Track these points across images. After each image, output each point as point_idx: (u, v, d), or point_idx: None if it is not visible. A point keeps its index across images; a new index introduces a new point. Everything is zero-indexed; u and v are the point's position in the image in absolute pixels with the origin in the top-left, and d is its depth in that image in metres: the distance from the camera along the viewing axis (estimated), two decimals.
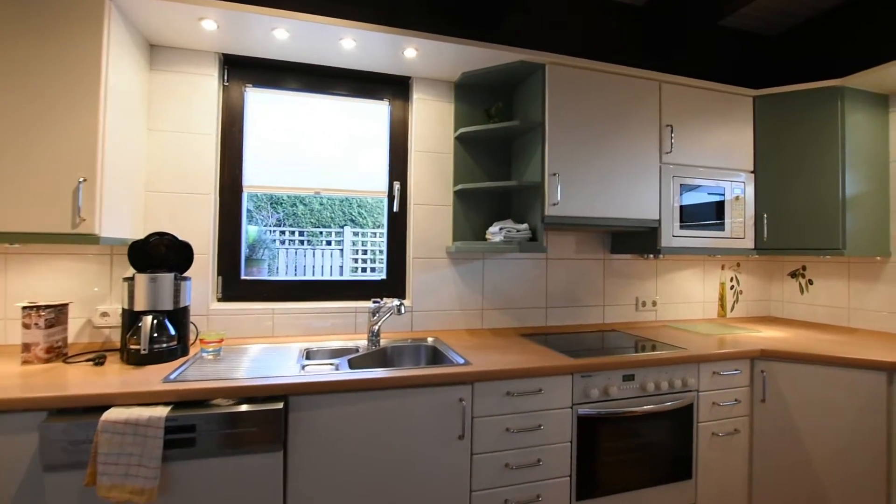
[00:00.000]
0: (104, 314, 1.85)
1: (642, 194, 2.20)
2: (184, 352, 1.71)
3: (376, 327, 2.00)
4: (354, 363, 1.81)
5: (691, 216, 2.30)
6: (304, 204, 2.81)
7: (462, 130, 2.18)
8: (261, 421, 1.37)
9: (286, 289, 2.15)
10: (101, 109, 1.53)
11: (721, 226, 2.36)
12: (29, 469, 1.26)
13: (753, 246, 2.44)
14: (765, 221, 2.43)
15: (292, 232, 2.54)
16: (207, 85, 2.01)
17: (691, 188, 2.30)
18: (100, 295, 1.86)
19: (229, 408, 1.36)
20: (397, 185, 2.27)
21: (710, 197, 2.35)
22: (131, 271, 1.83)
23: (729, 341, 2.16)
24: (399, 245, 2.30)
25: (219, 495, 1.33)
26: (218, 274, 2.07)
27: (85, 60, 1.51)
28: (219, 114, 2.07)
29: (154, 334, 1.61)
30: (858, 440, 1.88)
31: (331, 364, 1.69)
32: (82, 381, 1.37)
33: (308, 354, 1.89)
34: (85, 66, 1.51)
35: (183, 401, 1.34)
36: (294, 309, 2.09)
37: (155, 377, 1.43)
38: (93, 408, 1.28)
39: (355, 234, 2.66)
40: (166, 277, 1.66)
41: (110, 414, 1.25)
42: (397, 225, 2.30)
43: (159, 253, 1.76)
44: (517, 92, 2.29)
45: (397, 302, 1.90)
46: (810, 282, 2.77)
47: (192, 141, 1.98)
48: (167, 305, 1.66)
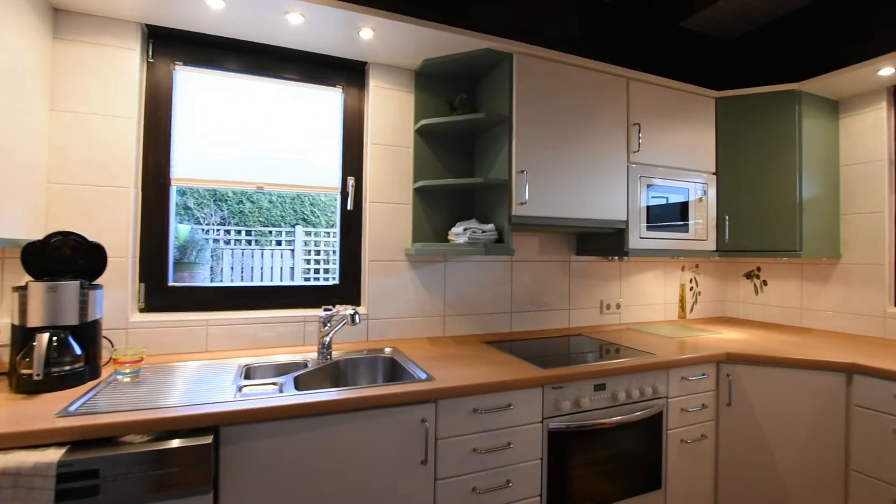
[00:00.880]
0: None
1: (611, 194, 2.12)
2: (93, 374, 1.44)
3: (327, 338, 1.79)
4: (302, 381, 1.60)
5: (657, 217, 2.25)
6: (252, 201, 2.56)
7: (423, 122, 2.01)
8: (185, 459, 1.14)
9: (224, 296, 1.90)
10: None
11: (685, 227, 2.33)
12: None
13: (715, 248, 2.44)
14: (726, 223, 2.43)
15: (238, 231, 2.30)
16: (127, 60, 1.72)
17: (657, 189, 2.25)
18: None
19: (144, 445, 1.12)
20: (351, 182, 2.07)
21: (675, 198, 2.31)
22: (27, 279, 1.53)
23: (694, 344, 2.13)
24: (353, 247, 2.10)
25: None
26: (140, 280, 1.79)
27: None
28: (142, 94, 1.79)
29: (53, 355, 1.33)
30: (819, 441, 1.88)
31: (274, 384, 1.48)
32: None
33: (248, 372, 1.65)
34: None
35: (85, 439, 1.09)
36: (233, 319, 1.84)
37: (51, 409, 1.17)
38: None
39: (307, 234, 2.45)
40: (70, 286, 1.39)
41: None
42: (352, 225, 2.09)
43: (63, 256, 1.48)
44: (482, 84, 2.15)
45: (351, 310, 1.70)
46: (765, 283, 2.82)
47: (108, 125, 1.69)
48: (71, 320, 1.39)
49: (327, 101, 2.08)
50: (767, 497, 1.95)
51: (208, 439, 1.17)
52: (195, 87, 1.89)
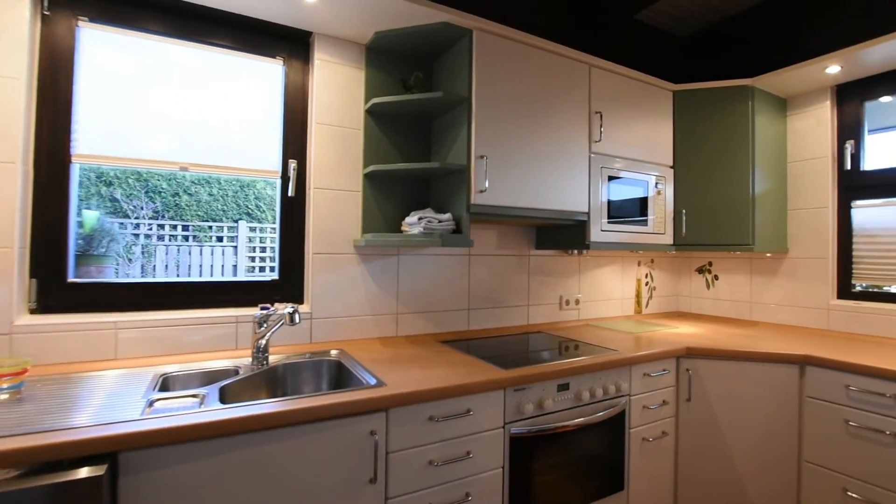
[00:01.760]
0: None
1: (573, 185, 2.03)
2: None
3: (263, 341, 1.58)
4: (230, 392, 1.38)
5: (618, 210, 2.19)
6: (190, 194, 2.29)
7: (375, 101, 1.83)
8: (69, 497, 0.91)
9: (139, 294, 1.64)
10: None
11: (644, 221, 2.29)
12: None
13: (673, 241, 2.42)
14: (683, 217, 2.41)
15: (174, 226, 2.03)
16: (12, 11, 1.42)
17: (618, 181, 2.19)
18: None
19: (13, 483, 0.88)
20: (293, 165, 1.86)
21: (635, 191, 2.26)
22: None
23: (654, 340, 2.08)
24: (295, 238, 1.88)
25: None
26: (31, 276, 1.49)
27: None
28: (34, 53, 1.49)
29: None
30: (773, 433, 1.88)
31: (194, 396, 1.25)
32: None
33: (165, 383, 1.41)
34: None
35: None
36: (149, 320, 1.58)
37: None
38: None
39: (252, 230, 2.21)
40: None
41: None
42: (293, 213, 1.88)
43: None
44: (439, 63, 2.00)
45: (290, 308, 1.50)
46: (716, 277, 2.85)
47: None
48: None
49: (266, 75, 1.85)
50: (724, 491, 1.93)
51: (101, 470, 0.94)
52: (106, 50, 1.61)
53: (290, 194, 1.85)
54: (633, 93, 2.27)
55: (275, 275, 1.88)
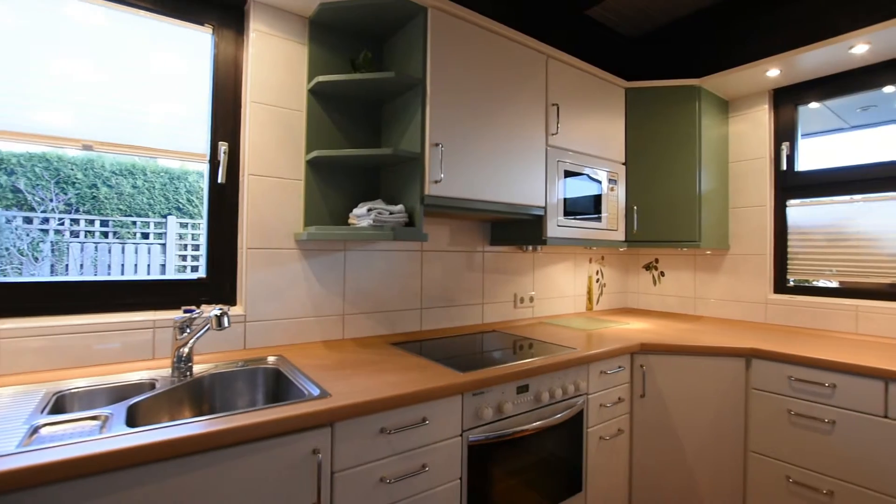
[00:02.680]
0: None
1: (530, 178, 1.96)
2: None
3: (186, 348, 1.36)
4: (143, 411, 1.17)
5: (573, 205, 2.15)
6: (109, 185, 1.99)
7: (320, 80, 1.65)
8: None
9: (28, 296, 1.36)
10: None
11: (599, 217, 2.27)
12: None
13: (625, 238, 2.42)
14: (635, 214, 2.43)
15: (91, 221, 1.75)
16: None
17: (573, 175, 2.16)
18: None
19: None
20: (224, 148, 1.64)
21: (590, 186, 2.24)
22: None
23: (608, 336, 2.06)
24: (226, 231, 1.67)
25: None
26: None
27: None
28: None
29: None
30: (721, 425, 1.92)
31: (94, 419, 1.03)
32: None
33: (58, 404, 1.17)
34: None
35: None
36: (42, 327, 1.32)
37: None
38: None
39: (183, 226, 1.96)
40: None
41: None
42: (224, 202, 1.66)
43: None
44: (391, 43, 1.85)
45: (218, 310, 1.30)
46: (662, 274, 2.92)
47: None
48: None
49: (193, 44, 1.62)
50: (676, 485, 1.94)
51: None
52: None
53: (221, 181, 1.63)
54: (588, 87, 2.25)
55: (202, 273, 1.65)
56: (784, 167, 2.42)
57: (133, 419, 1.10)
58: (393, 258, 1.97)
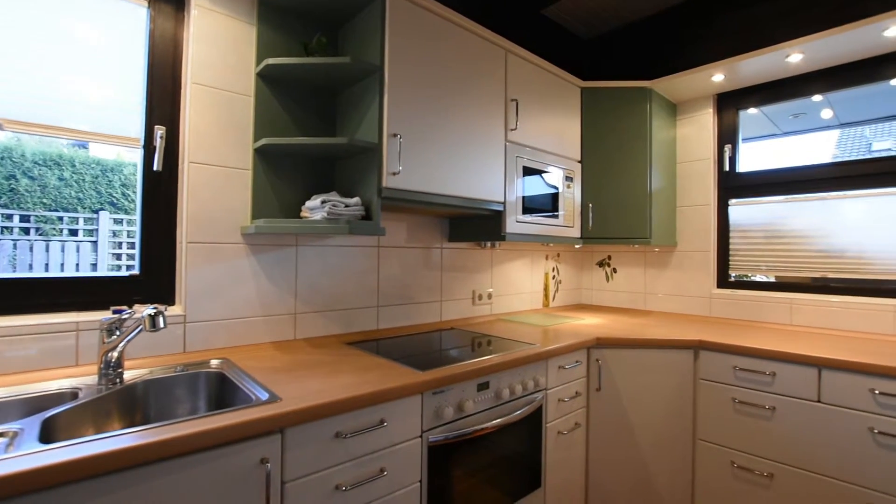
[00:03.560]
0: None
1: (490, 173, 1.94)
2: None
3: (115, 352, 1.23)
4: (63, 424, 1.04)
5: (531, 201, 2.15)
6: (31, 177, 1.78)
7: (269, 63, 1.55)
8: None
9: None
10: None
11: (556, 214, 2.29)
12: None
13: (580, 235, 2.46)
14: (590, 211, 2.47)
15: (8, 216, 1.62)
16: None
17: (531, 172, 2.16)
18: None
19: None
20: (161, 132, 1.50)
21: (547, 183, 2.25)
22: None
23: (565, 332, 2.08)
24: (163, 223, 1.52)
25: None
26: None
27: None
28: None
29: None
30: (672, 415, 1.98)
31: (1, 435, 0.90)
32: None
33: None
34: None
35: None
36: None
37: None
38: None
39: (117, 223, 1.79)
40: None
41: None
42: (161, 192, 1.52)
43: None
44: (346, 29, 1.77)
45: (151, 310, 1.17)
46: (614, 270, 3.00)
47: None
48: None
49: (121, 17, 1.47)
50: (630, 474, 1.99)
51: None
52: None
53: (157, 168, 1.49)
54: (546, 84, 2.26)
55: (135, 270, 1.50)
56: (727, 168, 2.54)
57: (49, 434, 0.97)
58: (348, 254, 1.89)
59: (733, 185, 2.53)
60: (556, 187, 2.30)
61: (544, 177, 2.23)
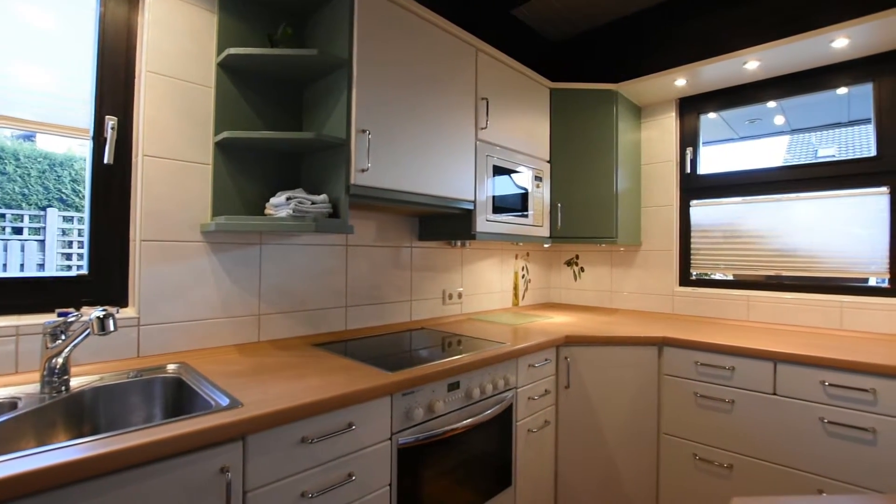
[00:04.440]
0: None
1: (460, 171, 1.93)
2: None
3: (60, 358, 1.14)
4: None
5: (501, 201, 2.16)
6: None
7: (231, 52, 1.48)
8: None
9: None
10: None
11: (525, 214, 2.30)
12: None
13: (549, 234, 2.49)
14: (559, 211, 2.50)
15: None
16: None
17: (501, 171, 2.16)
18: None
19: None
20: (112, 123, 1.41)
21: (517, 182, 2.26)
22: None
23: (534, 330, 2.10)
24: (115, 220, 1.44)
25: None
26: None
27: None
28: None
29: None
30: (638, 409, 2.03)
31: None
32: None
33: None
34: None
35: None
36: None
37: None
38: None
39: (67, 220, 1.69)
40: None
41: None
42: (112, 187, 1.43)
43: None
44: (313, 21, 1.72)
45: (100, 312, 1.10)
46: (582, 269, 3.05)
47: None
48: None
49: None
50: (598, 469, 2.02)
51: None
52: None
53: (108, 161, 1.40)
54: (516, 84, 2.27)
55: (83, 270, 1.41)
56: (688, 170, 2.63)
57: None
58: (315, 253, 1.84)
59: (694, 187, 2.62)
60: (526, 187, 2.31)
61: (514, 176, 2.24)
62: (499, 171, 2.14)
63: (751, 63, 2.20)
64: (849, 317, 2.08)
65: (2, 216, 1.62)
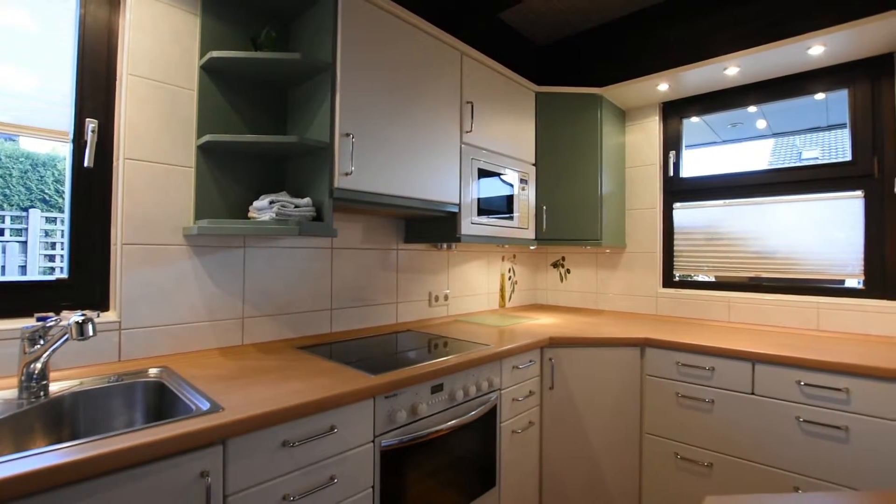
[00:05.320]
0: None
1: (445, 174, 1.94)
2: None
3: (39, 363, 1.13)
4: None
5: (486, 203, 2.18)
6: None
7: (214, 56, 1.48)
8: None
9: None
10: None
11: (511, 216, 2.32)
12: None
13: (535, 236, 2.51)
14: (544, 213, 2.53)
15: None
16: None
17: (486, 174, 2.18)
18: None
19: None
20: (92, 126, 1.40)
21: (503, 185, 2.28)
22: None
23: (520, 332, 2.12)
24: (96, 223, 1.43)
25: None
26: None
27: None
28: None
29: None
30: (621, 410, 2.06)
31: None
32: None
33: None
34: None
35: None
36: None
37: None
38: None
39: (50, 221, 1.67)
40: None
41: None
42: (93, 190, 1.42)
43: None
44: (297, 24, 1.72)
45: (79, 317, 1.09)
46: (568, 271, 3.08)
47: None
48: None
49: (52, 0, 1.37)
50: (581, 470, 2.04)
51: None
52: None
53: (88, 164, 1.39)
54: (501, 88, 2.29)
55: (64, 273, 1.39)
56: (671, 174, 2.67)
57: None
58: (300, 256, 1.84)
59: (677, 190, 2.66)
60: (511, 190, 2.33)
61: (499, 179, 2.26)
62: (484, 174, 2.16)
63: (731, 69, 2.24)
64: (825, 318, 2.13)
65: None
